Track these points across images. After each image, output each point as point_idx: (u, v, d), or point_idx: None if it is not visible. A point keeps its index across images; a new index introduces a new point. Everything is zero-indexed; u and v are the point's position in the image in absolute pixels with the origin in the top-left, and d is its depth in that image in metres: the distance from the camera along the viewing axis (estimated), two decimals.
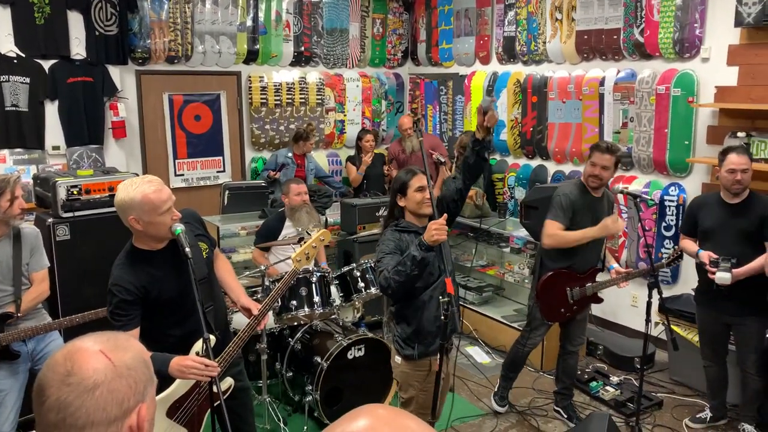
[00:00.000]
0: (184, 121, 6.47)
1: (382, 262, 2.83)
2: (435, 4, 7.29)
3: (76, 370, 1.08)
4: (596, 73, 5.57)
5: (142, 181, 2.54)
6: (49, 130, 5.60)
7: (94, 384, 1.07)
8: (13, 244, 3.25)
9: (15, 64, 5.35)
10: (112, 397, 1.08)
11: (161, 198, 2.51)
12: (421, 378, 3.01)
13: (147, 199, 2.48)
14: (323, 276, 4.19)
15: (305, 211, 4.65)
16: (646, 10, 5.10)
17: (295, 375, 4.21)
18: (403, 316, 2.99)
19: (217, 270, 2.99)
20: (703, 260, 3.72)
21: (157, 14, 6.05)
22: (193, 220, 2.85)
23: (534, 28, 6.10)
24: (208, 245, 2.88)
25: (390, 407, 1.01)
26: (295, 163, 6.23)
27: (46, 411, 1.06)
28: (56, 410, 1.06)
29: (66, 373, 1.07)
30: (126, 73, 6.00)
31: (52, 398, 1.06)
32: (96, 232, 4.17)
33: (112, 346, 1.14)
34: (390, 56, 7.70)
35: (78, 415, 1.06)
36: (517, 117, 6.35)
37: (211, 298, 2.80)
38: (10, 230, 3.25)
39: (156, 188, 2.52)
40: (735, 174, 3.59)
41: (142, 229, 2.54)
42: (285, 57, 6.89)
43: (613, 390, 4.55)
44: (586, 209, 3.84)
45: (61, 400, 1.06)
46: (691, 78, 4.86)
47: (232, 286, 3.02)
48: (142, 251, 2.63)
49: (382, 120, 7.72)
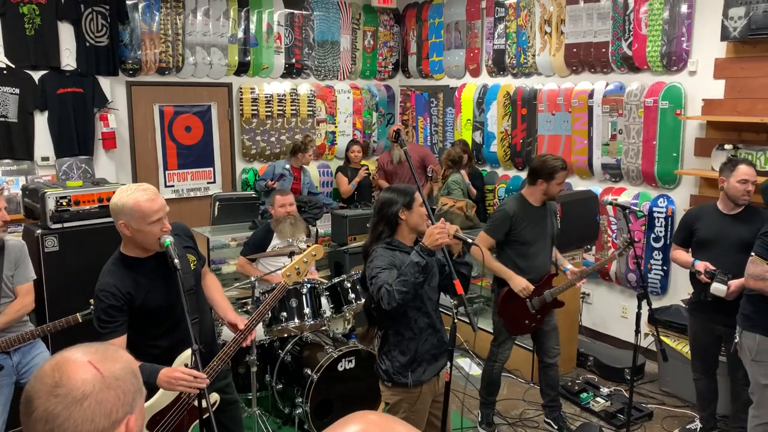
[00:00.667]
0: (175, 132, 6.46)
1: (379, 278, 2.73)
2: (425, 17, 7.34)
3: (65, 381, 1.07)
4: (585, 85, 5.61)
5: (137, 188, 2.55)
6: (39, 141, 5.57)
7: (83, 395, 1.07)
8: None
9: (4, 75, 5.33)
10: (100, 409, 1.08)
11: (152, 207, 2.51)
12: (412, 401, 2.97)
13: (138, 207, 2.48)
14: (314, 287, 4.19)
15: (289, 223, 4.66)
16: (634, 23, 5.16)
17: (285, 387, 4.18)
18: (398, 345, 2.92)
19: (205, 288, 2.98)
20: (699, 269, 3.70)
21: (148, 26, 6.05)
22: (182, 233, 2.84)
23: (523, 41, 6.15)
24: (196, 257, 2.87)
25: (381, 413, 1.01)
26: (292, 175, 6.24)
27: (34, 422, 1.06)
28: (44, 421, 1.05)
29: (54, 384, 1.07)
30: (116, 84, 6.00)
31: (39, 409, 1.06)
32: (85, 243, 4.14)
33: (101, 357, 1.14)
34: (381, 68, 7.74)
35: (66, 427, 1.05)
36: (507, 129, 6.38)
37: (197, 310, 2.78)
38: None
39: (149, 197, 2.51)
40: (746, 184, 3.61)
41: (130, 235, 2.54)
42: (276, 69, 6.91)
43: (604, 401, 4.55)
44: (528, 221, 3.89)
45: (48, 411, 1.05)
46: (678, 91, 4.91)
47: (219, 303, 2.99)
48: (129, 258, 2.63)
49: (373, 132, 7.75)
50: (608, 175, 5.50)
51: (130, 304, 2.57)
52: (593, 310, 5.69)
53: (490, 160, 6.65)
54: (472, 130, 6.78)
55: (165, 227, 2.56)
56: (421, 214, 2.86)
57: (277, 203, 4.70)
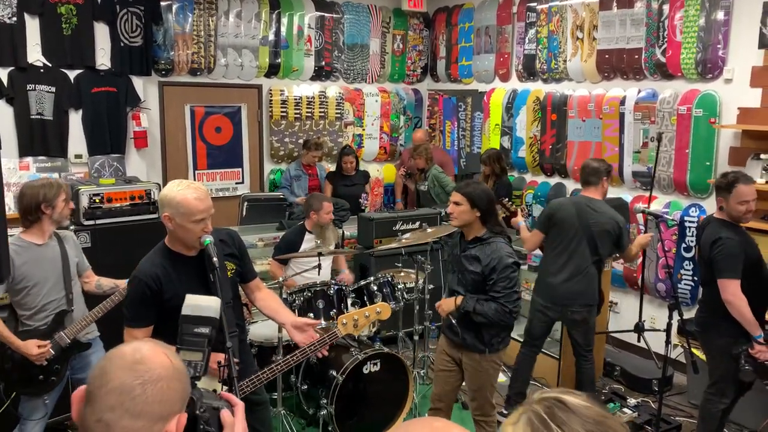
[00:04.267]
0: (205, 133, 6.53)
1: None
2: (455, 21, 7.33)
3: (146, 360, 1.13)
4: (617, 92, 5.55)
5: (189, 185, 2.61)
6: (73, 138, 5.67)
7: (159, 377, 1.13)
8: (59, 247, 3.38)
9: (41, 74, 5.43)
10: (168, 394, 1.13)
11: (198, 207, 2.56)
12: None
13: (185, 203, 2.55)
14: (340, 289, 4.19)
15: (331, 229, 4.79)
16: (668, 30, 5.09)
17: (310, 388, 4.19)
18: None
19: (261, 300, 3.00)
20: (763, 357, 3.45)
21: (181, 27, 6.13)
22: (230, 240, 2.88)
23: (555, 47, 6.11)
24: (235, 265, 2.87)
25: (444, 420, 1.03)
26: (306, 173, 6.32)
27: (107, 393, 1.10)
28: (119, 392, 1.10)
29: (135, 361, 1.13)
30: (149, 84, 6.08)
31: (115, 381, 1.10)
32: (116, 240, 4.20)
33: (171, 352, 1.21)
34: (409, 72, 7.74)
35: (137, 401, 1.10)
36: (536, 134, 6.34)
37: (236, 325, 2.80)
38: (52, 234, 3.36)
39: (197, 196, 2.57)
40: (748, 204, 3.48)
41: (173, 228, 2.61)
42: (306, 71, 6.95)
43: (631, 412, 4.48)
44: None
45: (126, 384, 1.10)
46: (713, 99, 4.83)
47: (278, 311, 2.97)
48: (170, 251, 2.69)
49: (400, 135, 7.75)
50: (639, 183, 5.43)
51: (159, 295, 2.60)
52: (621, 320, 5.61)
53: (518, 165, 6.61)
54: (501, 135, 6.75)
55: (207, 228, 2.61)
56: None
57: (324, 209, 4.71)
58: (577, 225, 4.12)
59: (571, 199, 4.38)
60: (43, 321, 3.27)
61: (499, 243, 3.29)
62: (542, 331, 4.40)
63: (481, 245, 3.30)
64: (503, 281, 3.21)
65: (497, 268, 3.21)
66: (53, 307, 3.30)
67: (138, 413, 1.09)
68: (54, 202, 3.25)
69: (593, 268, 4.17)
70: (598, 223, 4.09)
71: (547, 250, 4.34)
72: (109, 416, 1.09)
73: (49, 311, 3.28)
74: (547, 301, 4.28)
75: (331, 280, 4.41)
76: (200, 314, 1.38)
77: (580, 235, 4.12)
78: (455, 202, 3.31)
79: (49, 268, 3.30)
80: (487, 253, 3.25)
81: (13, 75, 5.32)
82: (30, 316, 3.26)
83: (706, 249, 3.55)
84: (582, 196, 4.28)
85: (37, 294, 3.25)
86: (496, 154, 6.20)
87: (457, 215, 3.30)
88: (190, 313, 1.39)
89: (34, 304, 3.25)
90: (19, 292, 3.22)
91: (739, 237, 3.51)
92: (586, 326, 4.25)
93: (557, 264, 4.21)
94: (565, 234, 4.16)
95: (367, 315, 2.85)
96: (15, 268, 3.18)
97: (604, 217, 4.11)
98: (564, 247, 4.18)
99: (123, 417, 1.09)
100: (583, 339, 4.29)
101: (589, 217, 4.10)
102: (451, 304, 3.35)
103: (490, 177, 6.15)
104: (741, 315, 3.42)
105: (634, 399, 4.66)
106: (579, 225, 4.11)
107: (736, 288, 3.41)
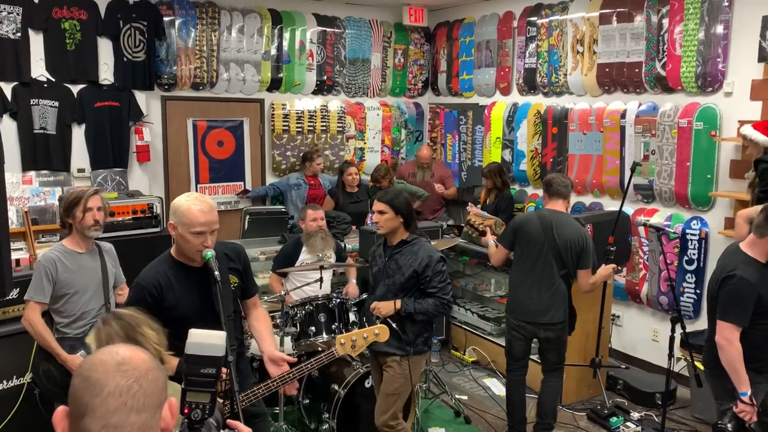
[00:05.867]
0: (207, 147, 6.56)
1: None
2: (456, 35, 7.37)
3: (128, 360, 1.17)
4: (617, 105, 5.58)
5: (197, 198, 2.65)
6: (75, 152, 5.70)
7: (147, 369, 1.18)
8: (99, 257, 3.41)
9: (45, 89, 5.47)
10: (158, 384, 1.19)
11: (199, 219, 2.57)
12: None
13: (188, 213, 2.58)
14: (342, 302, 4.19)
15: (320, 237, 4.67)
16: (668, 44, 5.12)
17: (312, 402, 4.18)
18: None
19: (253, 319, 3.00)
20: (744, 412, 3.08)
21: (183, 42, 6.17)
22: (235, 255, 2.88)
23: (555, 60, 6.14)
24: (238, 279, 2.87)
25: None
26: (307, 183, 6.37)
27: (105, 398, 1.13)
28: (118, 394, 1.13)
29: (118, 363, 1.16)
30: (152, 98, 6.11)
31: (111, 386, 1.13)
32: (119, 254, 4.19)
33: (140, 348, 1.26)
34: (410, 86, 7.78)
35: (138, 397, 1.14)
36: (537, 147, 6.36)
37: (235, 338, 2.78)
38: (93, 244, 3.39)
39: (201, 209, 2.59)
40: None
41: (175, 237, 2.66)
42: (308, 85, 6.99)
43: (634, 426, 4.46)
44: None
45: (121, 386, 1.14)
46: (713, 112, 4.85)
47: (263, 335, 2.93)
48: (175, 260, 2.71)
49: (401, 148, 7.77)
50: (640, 195, 5.43)
51: (159, 302, 2.61)
52: (623, 333, 5.59)
53: (519, 178, 6.62)
54: (502, 148, 6.77)
55: (206, 243, 2.61)
56: None
57: (308, 217, 4.72)
58: (542, 239, 3.95)
59: (536, 213, 4.17)
60: (80, 329, 3.27)
61: (423, 243, 3.49)
62: (522, 349, 4.16)
63: (408, 247, 3.46)
64: (438, 276, 3.39)
65: (430, 264, 3.38)
66: (92, 316, 3.31)
67: (141, 407, 1.14)
68: (72, 211, 3.26)
69: (562, 283, 3.98)
70: (563, 234, 3.92)
71: (515, 266, 4.16)
72: (115, 419, 1.12)
73: (88, 320, 3.29)
74: (519, 319, 4.08)
75: (333, 293, 4.40)
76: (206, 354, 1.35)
77: (546, 249, 3.94)
78: (379, 211, 3.44)
79: (89, 276, 3.33)
80: (416, 252, 3.42)
81: (17, 90, 5.36)
82: (68, 324, 3.28)
83: (715, 282, 3.19)
84: (547, 209, 4.09)
85: (77, 302, 3.28)
86: (498, 167, 6.20)
87: (383, 223, 3.44)
88: (196, 353, 1.34)
89: (74, 312, 3.27)
90: (60, 299, 3.23)
91: (759, 277, 3.08)
92: (559, 343, 4.09)
93: (526, 281, 4.03)
94: (531, 249, 4.00)
95: (365, 336, 2.86)
96: (57, 274, 3.22)
97: (570, 229, 3.95)
98: (532, 262, 4.00)
99: (129, 415, 1.13)
100: (556, 357, 4.12)
101: (554, 230, 3.94)
102: (391, 307, 3.40)
103: (492, 191, 6.16)
104: (730, 363, 3.07)
105: (637, 413, 4.64)
106: (544, 239, 3.95)
107: (732, 334, 3.06)
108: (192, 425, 1.34)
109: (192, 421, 1.35)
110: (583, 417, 4.64)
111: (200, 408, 1.35)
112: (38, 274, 3.22)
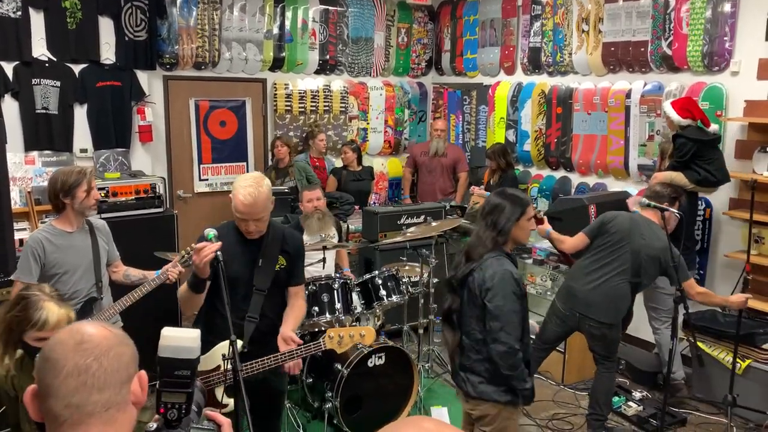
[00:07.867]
0: (210, 127, 6.53)
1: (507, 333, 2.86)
2: (460, 14, 7.30)
3: (87, 338, 1.17)
4: (623, 85, 5.53)
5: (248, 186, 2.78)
6: (78, 132, 5.67)
7: (108, 347, 1.18)
8: (90, 235, 3.40)
9: (46, 68, 5.44)
10: (122, 360, 1.19)
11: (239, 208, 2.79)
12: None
13: (234, 198, 2.80)
14: (345, 283, 4.20)
15: (316, 218, 4.63)
16: (674, 22, 5.06)
17: (315, 381, 4.21)
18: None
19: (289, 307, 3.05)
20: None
21: (185, 21, 6.12)
22: (290, 239, 3.04)
23: (560, 40, 6.08)
24: (286, 262, 2.98)
25: (435, 420, 1.03)
26: (312, 166, 6.32)
27: (65, 378, 1.13)
28: (76, 374, 1.13)
29: (77, 342, 1.16)
30: (154, 78, 6.08)
31: (69, 365, 1.14)
32: (122, 234, 4.19)
33: (106, 324, 1.27)
34: (414, 65, 7.72)
35: (98, 375, 1.14)
36: (541, 128, 6.32)
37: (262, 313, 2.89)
38: (84, 222, 3.38)
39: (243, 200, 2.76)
40: None
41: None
42: (310, 65, 6.94)
43: (636, 406, 4.49)
44: None
45: (80, 365, 1.14)
46: (719, 91, 4.80)
47: (287, 317, 3.00)
48: (234, 226, 2.92)
49: (404, 129, 7.74)
50: (645, 176, 5.41)
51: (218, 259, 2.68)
52: None
53: (523, 159, 6.59)
54: (506, 128, 6.73)
55: (248, 228, 2.81)
56: (526, 229, 2.94)
57: (304, 198, 4.71)
58: (626, 240, 3.89)
59: (630, 215, 4.07)
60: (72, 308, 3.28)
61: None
62: (553, 336, 4.18)
63: None
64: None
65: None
66: (83, 295, 3.32)
67: (102, 385, 1.15)
68: (74, 191, 3.25)
69: (626, 286, 3.91)
70: (648, 246, 3.83)
71: (585, 255, 4.10)
72: (77, 399, 1.13)
73: (79, 299, 3.29)
74: (566, 308, 4.05)
75: (336, 274, 4.41)
76: (178, 357, 1.35)
77: (625, 251, 3.88)
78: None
79: (79, 255, 3.32)
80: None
81: (18, 69, 5.32)
82: None
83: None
84: (641, 215, 4.00)
85: (67, 281, 3.27)
86: (502, 148, 6.16)
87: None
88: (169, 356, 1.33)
89: (64, 292, 3.24)
90: (50, 279, 3.22)
91: None
92: (605, 340, 4.01)
93: (587, 270, 3.99)
94: (610, 245, 3.94)
95: (351, 335, 2.87)
96: (46, 255, 3.22)
97: (657, 243, 3.80)
98: (603, 256, 3.95)
99: (91, 394, 1.14)
100: (602, 350, 4.06)
101: (640, 238, 3.86)
102: None
103: (496, 171, 6.13)
104: None
105: (639, 392, 4.66)
106: (628, 241, 3.88)
107: None
108: (169, 424, 1.35)
109: (169, 420, 1.35)
110: (584, 397, 4.67)
111: (176, 408, 1.35)
112: (25, 254, 3.23)
